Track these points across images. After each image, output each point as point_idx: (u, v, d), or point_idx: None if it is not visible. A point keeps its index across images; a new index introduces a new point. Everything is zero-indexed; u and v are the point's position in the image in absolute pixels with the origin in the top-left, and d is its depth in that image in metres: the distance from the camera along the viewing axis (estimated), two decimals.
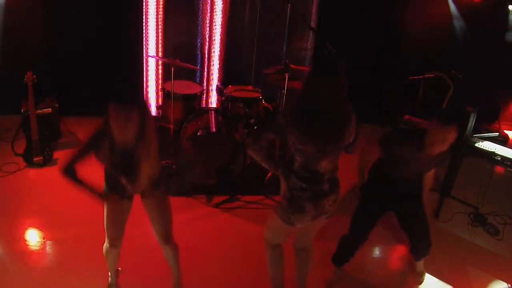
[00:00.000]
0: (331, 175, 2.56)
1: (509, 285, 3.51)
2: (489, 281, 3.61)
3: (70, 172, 2.49)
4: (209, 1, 5.08)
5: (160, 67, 5.22)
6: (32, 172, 4.39)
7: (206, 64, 5.31)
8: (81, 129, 5.01)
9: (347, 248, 3.27)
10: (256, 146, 2.51)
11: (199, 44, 5.25)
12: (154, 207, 2.71)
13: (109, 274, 2.98)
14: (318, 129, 2.40)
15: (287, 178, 2.54)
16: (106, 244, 2.80)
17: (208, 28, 5.19)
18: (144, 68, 5.12)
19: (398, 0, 5.55)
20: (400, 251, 3.78)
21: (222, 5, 5.09)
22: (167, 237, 2.81)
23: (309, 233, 2.85)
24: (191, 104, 4.60)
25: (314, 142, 2.42)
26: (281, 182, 2.62)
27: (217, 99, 5.38)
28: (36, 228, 3.68)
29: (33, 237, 3.58)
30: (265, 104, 4.64)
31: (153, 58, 5.05)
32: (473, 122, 4.00)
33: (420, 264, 3.49)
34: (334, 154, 2.52)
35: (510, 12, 5.53)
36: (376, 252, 3.83)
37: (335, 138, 2.46)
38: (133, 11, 5.00)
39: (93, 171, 2.57)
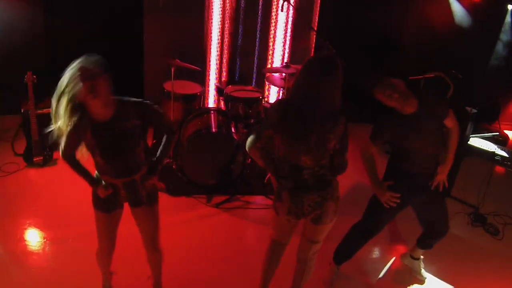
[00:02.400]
0: (313, 170, 2.51)
1: None
2: (489, 281, 3.61)
3: (69, 157, 2.48)
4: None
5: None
6: (32, 172, 4.39)
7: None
8: None
9: (356, 242, 3.23)
10: (258, 144, 2.53)
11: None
12: (143, 217, 2.71)
13: (102, 276, 2.98)
14: (295, 127, 2.41)
15: (276, 164, 2.57)
16: (98, 251, 2.80)
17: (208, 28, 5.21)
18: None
19: (398, 0, 5.56)
20: (400, 251, 3.78)
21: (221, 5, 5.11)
22: (153, 244, 2.81)
23: (306, 243, 2.78)
24: (191, 104, 4.61)
25: (288, 142, 2.44)
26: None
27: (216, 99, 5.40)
28: (36, 228, 3.67)
29: (33, 237, 3.58)
30: (265, 104, 4.65)
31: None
32: (473, 122, 4.01)
33: (420, 262, 3.50)
34: (315, 152, 2.47)
35: (509, 12, 5.54)
36: (376, 252, 3.83)
37: (315, 137, 2.42)
38: (134, 10, 5.01)
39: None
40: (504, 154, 3.96)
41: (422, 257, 3.51)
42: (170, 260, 3.02)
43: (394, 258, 3.73)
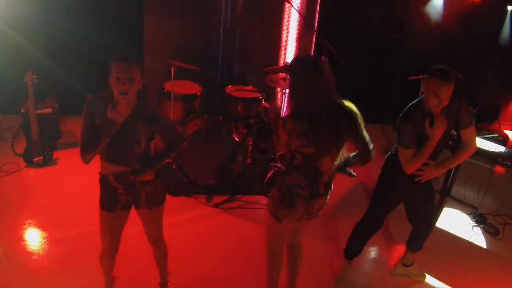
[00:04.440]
0: (329, 175, 2.58)
1: None
2: (489, 281, 3.61)
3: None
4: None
5: None
6: (32, 172, 4.39)
7: None
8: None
9: (363, 236, 3.29)
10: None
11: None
12: (143, 219, 2.72)
13: (105, 280, 2.97)
14: (315, 131, 2.40)
15: (288, 173, 2.58)
16: (102, 253, 2.78)
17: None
18: None
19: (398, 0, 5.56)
20: (400, 251, 3.78)
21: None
22: (157, 240, 2.83)
23: (297, 231, 2.90)
24: (191, 104, 4.61)
25: (314, 144, 2.43)
26: (279, 176, 2.67)
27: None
28: (36, 228, 3.67)
29: (33, 237, 3.58)
30: (265, 104, 4.64)
31: None
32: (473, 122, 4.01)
33: (414, 267, 3.50)
34: (333, 151, 2.51)
35: (509, 12, 5.54)
36: (377, 252, 3.83)
37: (333, 136, 2.45)
38: (134, 10, 5.01)
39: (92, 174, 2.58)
40: (504, 154, 3.96)
41: (414, 263, 3.50)
42: (170, 260, 3.01)
43: (395, 259, 3.73)
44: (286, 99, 4.37)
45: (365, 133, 2.52)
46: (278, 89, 5.24)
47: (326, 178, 2.58)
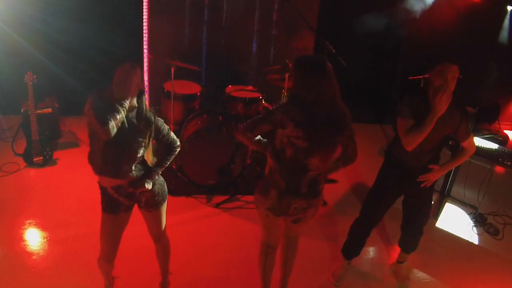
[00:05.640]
0: (315, 176, 2.55)
1: None
2: (489, 281, 3.61)
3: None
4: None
5: None
6: (32, 172, 4.39)
7: None
8: (81, 129, 5.02)
9: (359, 234, 3.29)
10: (249, 134, 2.56)
11: None
12: (144, 218, 2.76)
13: (104, 281, 2.98)
14: (314, 125, 2.41)
15: (275, 160, 2.57)
16: (100, 257, 2.79)
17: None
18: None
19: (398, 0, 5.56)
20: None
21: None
22: (158, 236, 2.87)
23: (292, 226, 2.87)
24: (191, 104, 4.61)
25: (308, 138, 2.43)
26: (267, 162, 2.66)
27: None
28: (36, 228, 3.68)
29: (33, 237, 3.58)
30: (265, 104, 4.65)
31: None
32: (473, 122, 4.01)
33: (405, 265, 3.50)
34: (325, 152, 2.51)
35: (509, 12, 5.55)
36: (377, 252, 3.83)
37: (328, 137, 2.46)
38: (133, 10, 5.00)
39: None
40: (504, 154, 3.96)
41: (404, 261, 3.51)
42: (170, 260, 3.02)
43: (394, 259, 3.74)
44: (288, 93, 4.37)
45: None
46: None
47: (311, 178, 2.55)
